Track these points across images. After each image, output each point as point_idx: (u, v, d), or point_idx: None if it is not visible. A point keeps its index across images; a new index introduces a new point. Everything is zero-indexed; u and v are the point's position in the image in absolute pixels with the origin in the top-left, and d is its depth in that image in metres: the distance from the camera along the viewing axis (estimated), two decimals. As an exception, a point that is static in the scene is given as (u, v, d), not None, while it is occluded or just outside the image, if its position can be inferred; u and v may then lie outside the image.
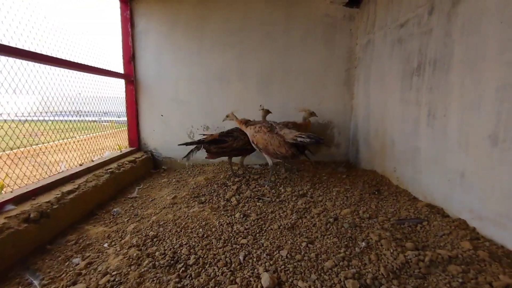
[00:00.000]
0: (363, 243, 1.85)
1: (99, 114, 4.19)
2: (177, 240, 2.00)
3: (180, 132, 4.37)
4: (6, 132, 2.27)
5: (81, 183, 2.65)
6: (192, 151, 3.38)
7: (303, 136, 2.77)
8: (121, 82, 4.15)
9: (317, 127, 4.36)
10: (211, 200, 2.80)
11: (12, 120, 2.36)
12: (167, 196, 2.92)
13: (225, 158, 4.32)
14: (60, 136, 3.28)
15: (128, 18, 4.03)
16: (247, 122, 3.38)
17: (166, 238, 2.04)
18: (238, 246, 1.90)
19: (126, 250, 1.89)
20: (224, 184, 3.25)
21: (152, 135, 4.39)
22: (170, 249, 1.89)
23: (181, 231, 2.14)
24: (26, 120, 2.75)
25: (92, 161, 3.27)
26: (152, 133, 4.38)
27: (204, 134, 3.68)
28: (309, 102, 4.30)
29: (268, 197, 2.83)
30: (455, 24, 2.20)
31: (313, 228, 2.14)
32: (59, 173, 2.70)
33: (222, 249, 1.87)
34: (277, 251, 1.82)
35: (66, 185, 2.54)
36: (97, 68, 3.20)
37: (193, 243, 1.96)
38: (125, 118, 4.29)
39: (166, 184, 3.52)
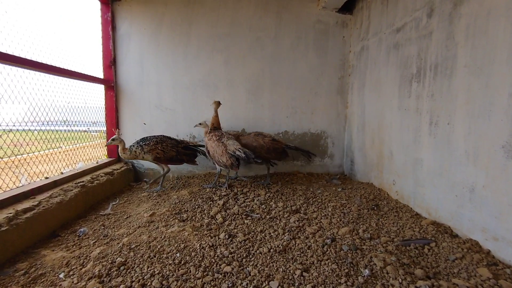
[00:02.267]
0: (366, 271, 1.58)
1: (88, 124, 3.91)
2: (149, 269, 1.69)
3: (164, 141, 4.06)
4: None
5: (43, 199, 2.30)
6: None
7: (240, 150, 2.95)
8: (101, 88, 3.85)
9: (309, 137, 4.15)
10: (193, 218, 2.49)
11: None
12: (144, 213, 2.60)
13: (213, 170, 4.07)
14: (46, 146, 2.94)
15: (109, 21, 3.78)
16: (212, 130, 3.26)
17: (135, 266, 1.72)
18: (220, 276, 1.61)
19: (84, 283, 1.57)
20: (209, 199, 2.96)
21: (134, 145, 4.06)
22: (139, 281, 1.57)
23: (154, 256, 1.83)
24: (11, 130, 2.44)
25: (62, 173, 2.93)
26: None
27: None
28: (301, 111, 4.10)
29: (257, 214, 2.55)
30: (458, 26, 2.04)
31: (308, 251, 1.87)
32: (17, 187, 2.36)
33: (201, 280, 1.57)
34: (266, 283, 1.54)
35: (23, 202, 2.20)
36: (71, 71, 2.91)
37: (167, 272, 1.65)
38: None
39: (146, 198, 3.19)
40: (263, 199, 2.90)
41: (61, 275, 1.67)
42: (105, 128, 3.96)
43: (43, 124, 2.74)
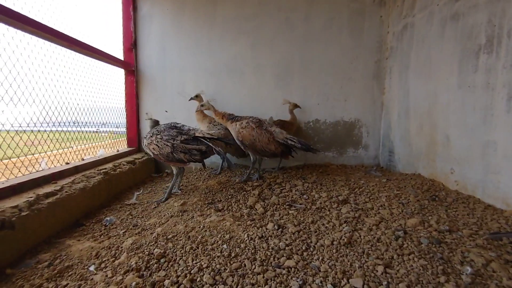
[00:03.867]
0: (468, 268, 1.27)
1: (97, 125, 3.70)
2: (194, 262, 1.41)
3: (186, 130, 3.81)
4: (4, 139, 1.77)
5: (66, 184, 2.06)
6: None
7: (294, 140, 2.76)
8: (121, 77, 3.62)
9: (342, 126, 3.83)
10: (230, 208, 2.22)
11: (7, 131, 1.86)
12: (174, 203, 2.34)
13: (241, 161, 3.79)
14: (58, 146, 2.72)
15: (130, 1, 3.56)
16: (231, 117, 2.97)
17: (178, 258, 1.45)
18: (284, 271, 1.32)
19: (121, 277, 1.30)
20: (242, 189, 2.68)
21: (154, 134, 3.81)
22: (185, 275, 1.30)
23: (197, 247, 1.55)
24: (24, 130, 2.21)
25: (83, 159, 2.69)
26: (154, 131, 3.81)
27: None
28: (333, 98, 3.79)
29: (301, 204, 2.25)
30: (552, -21, 1.72)
31: (378, 244, 1.56)
32: (37, 171, 2.12)
33: (262, 275, 1.29)
34: (344, 280, 1.24)
35: (44, 186, 1.95)
36: (90, 47, 2.63)
37: (218, 266, 1.37)
38: (124, 129, 3.73)
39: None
40: (303, 189, 2.60)
41: (92, 268, 1.41)
42: (116, 129, 3.70)
43: (53, 124, 2.49)
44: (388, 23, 3.68)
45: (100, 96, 3.16)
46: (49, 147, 2.28)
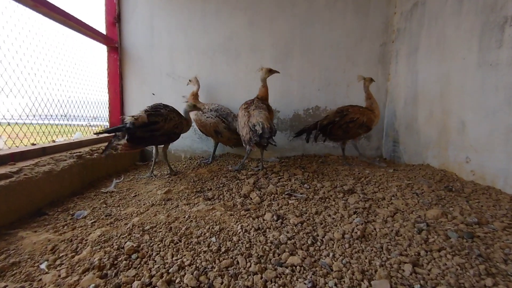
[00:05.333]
0: (517, 267, 1.02)
1: (88, 119, 3.36)
2: (174, 258, 1.13)
3: (176, 116, 3.49)
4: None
5: (26, 166, 1.74)
6: (110, 142, 2.19)
7: (260, 124, 2.20)
8: (103, 52, 3.28)
9: (344, 114, 3.57)
10: (221, 196, 1.93)
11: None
12: (158, 190, 2.04)
13: (228, 149, 3.49)
14: (45, 139, 2.40)
15: (114, -31, 3.21)
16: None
17: (154, 254, 1.16)
18: (287, 271, 1.04)
19: (77, 277, 1.00)
20: (235, 178, 2.40)
21: (140, 119, 3.49)
22: (162, 275, 1.01)
23: (180, 241, 1.27)
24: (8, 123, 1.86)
25: (53, 141, 2.36)
26: (140, 116, 3.49)
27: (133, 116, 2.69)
28: (335, 83, 3.53)
29: (302, 193, 1.99)
30: None
31: (399, 238, 1.30)
32: (-7, 150, 1.79)
33: (259, 275, 1.01)
34: (366, 282, 0.97)
35: (-2, 167, 1.63)
36: (60, 10, 2.24)
37: (204, 264, 1.09)
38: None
39: (156, 177, 2.62)
40: (303, 179, 2.33)
41: (43, 265, 1.11)
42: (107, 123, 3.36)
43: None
44: (395, 2, 3.42)
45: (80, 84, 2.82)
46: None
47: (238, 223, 1.45)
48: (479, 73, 2.20)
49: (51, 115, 2.38)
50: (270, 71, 2.91)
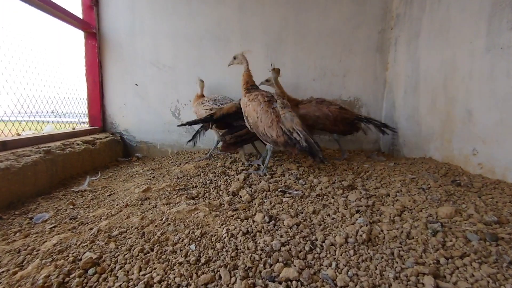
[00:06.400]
0: (560, 278, 0.84)
1: (80, 116, 3.12)
2: (141, 273, 0.92)
3: (162, 108, 3.26)
4: None
5: (-23, 162, 1.49)
6: (198, 132, 2.51)
7: (301, 135, 2.02)
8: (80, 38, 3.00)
9: (340, 106, 3.38)
10: (207, 195, 1.72)
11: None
12: (136, 189, 1.81)
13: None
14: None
15: None
16: (249, 87, 2.34)
17: (117, 268, 0.95)
18: (280, 287, 0.84)
19: (10, 303, 0.78)
20: (224, 173, 2.19)
21: (123, 111, 3.24)
22: (123, 298, 0.80)
23: (152, 249, 1.05)
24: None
25: (18, 134, 2.10)
26: (122, 108, 3.24)
27: (211, 109, 2.64)
28: (331, 72, 3.33)
29: (297, 190, 1.79)
30: None
31: (411, 241, 1.11)
32: None
33: (246, 296, 0.81)
34: (379, 302, 0.78)
35: None
36: None
37: (177, 279, 0.88)
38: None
39: (137, 174, 2.39)
40: (298, 174, 2.14)
41: (-27, 286, 0.88)
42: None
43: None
44: (395, -14, 3.22)
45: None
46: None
47: (223, 226, 1.25)
48: (488, 58, 2.02)
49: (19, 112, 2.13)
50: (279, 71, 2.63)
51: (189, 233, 1.17)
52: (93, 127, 3.06)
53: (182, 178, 2.10)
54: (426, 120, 2.69)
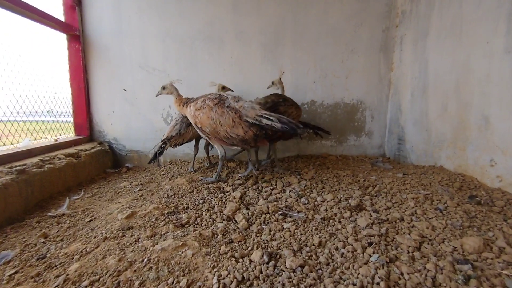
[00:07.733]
0: None
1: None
2: None
3: (152, 114, 3.05)
4: None
5: None
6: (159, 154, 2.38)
7: (271, 118, 1.89)
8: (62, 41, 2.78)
9: (342, 110, 3.19)
10: (199, 220, 1.53)
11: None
12: (119, 213, 1.62)
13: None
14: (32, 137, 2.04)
15: None
16: (186, 101, 2.17)
17: None
18: None
19: None
20: (219, 189, 2.00)
21: (111, 119, 3.03)
22: None
23: (126, 310, 0.86)
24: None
25: (-11, 152, 1.90)
26: (110, 115, 3.03)
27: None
28: (332, 74, 3.12)
29: (299, 212, 1.60)
30: None
31: (439, 292, 0.93)
32: None
33: None
34: None
35: None
36: None
37: None
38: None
39: (124, 191, 2.20)
40: (299, 190, 1.95)
41: None
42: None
43: None
44: (400, -19, 3.00)
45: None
46: None
47: (214, 270, 1.06)
48: (507, 59, 1.83)
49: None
50: (224, 88, 2.69)
51: (173, 282, 0.98)
52: (79, 137, 2.85)
53: (173, 196, 1.90)
54: (436, 125, 2.50)
